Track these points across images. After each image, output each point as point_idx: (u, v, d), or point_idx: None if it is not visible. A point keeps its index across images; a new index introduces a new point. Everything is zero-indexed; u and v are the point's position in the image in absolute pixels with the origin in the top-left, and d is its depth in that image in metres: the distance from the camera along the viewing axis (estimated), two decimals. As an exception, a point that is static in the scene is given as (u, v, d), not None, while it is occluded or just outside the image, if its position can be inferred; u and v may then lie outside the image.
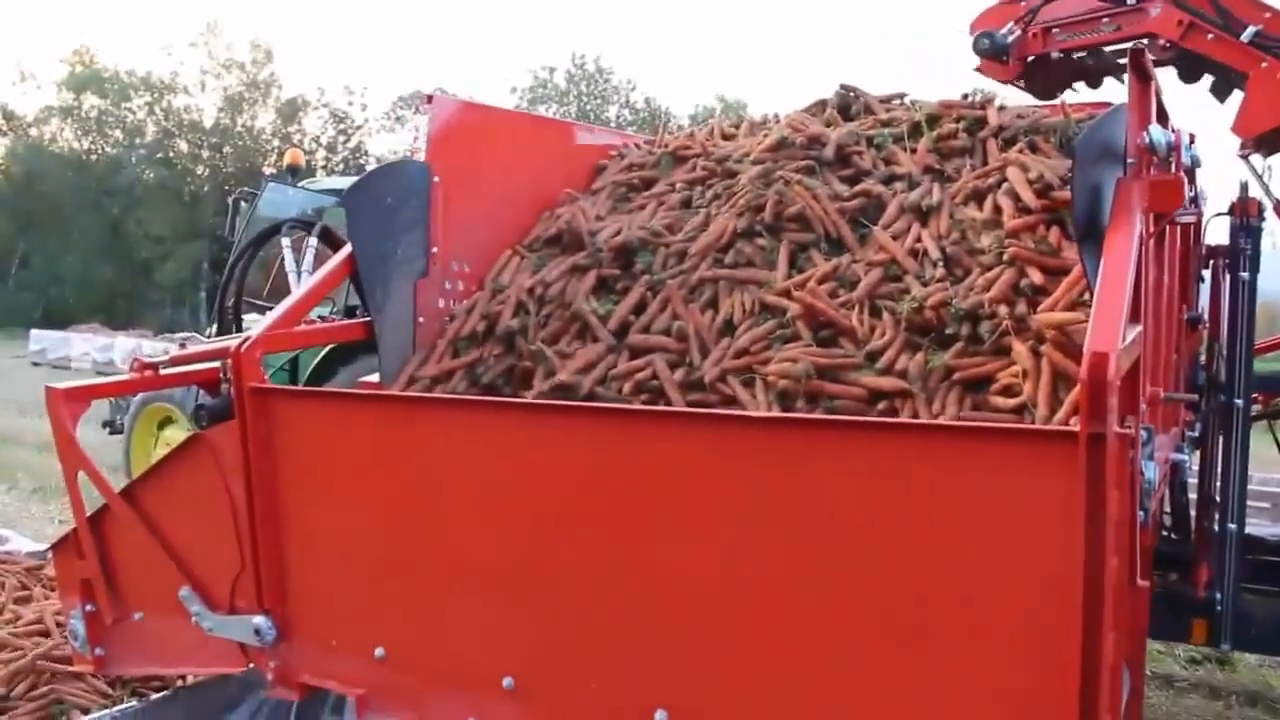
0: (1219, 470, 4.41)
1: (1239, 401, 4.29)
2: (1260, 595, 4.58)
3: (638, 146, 3.98)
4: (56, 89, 47.10)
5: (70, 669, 3.66)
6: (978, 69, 4.96)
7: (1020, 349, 2.35)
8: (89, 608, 3.10)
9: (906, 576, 1.81)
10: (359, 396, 2.79)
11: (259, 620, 2.64)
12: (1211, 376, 4.46)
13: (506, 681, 2.25)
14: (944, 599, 1.79)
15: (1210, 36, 4.43)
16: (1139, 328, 2.02)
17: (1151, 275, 2.54)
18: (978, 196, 2.85)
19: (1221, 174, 4.75)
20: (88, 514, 3.06)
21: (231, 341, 2.68)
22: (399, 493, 2.46)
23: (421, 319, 3.07)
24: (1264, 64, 4.34)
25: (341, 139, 47.70)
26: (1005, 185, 2.80)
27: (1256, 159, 4.68)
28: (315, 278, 2.98)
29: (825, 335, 2.69)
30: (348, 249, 2.94)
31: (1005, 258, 2.55)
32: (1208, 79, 4.70)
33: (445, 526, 2.38)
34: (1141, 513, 1.96)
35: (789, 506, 1.91)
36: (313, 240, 6.71)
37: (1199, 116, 4.53)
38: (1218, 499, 4.41)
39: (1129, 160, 2.20)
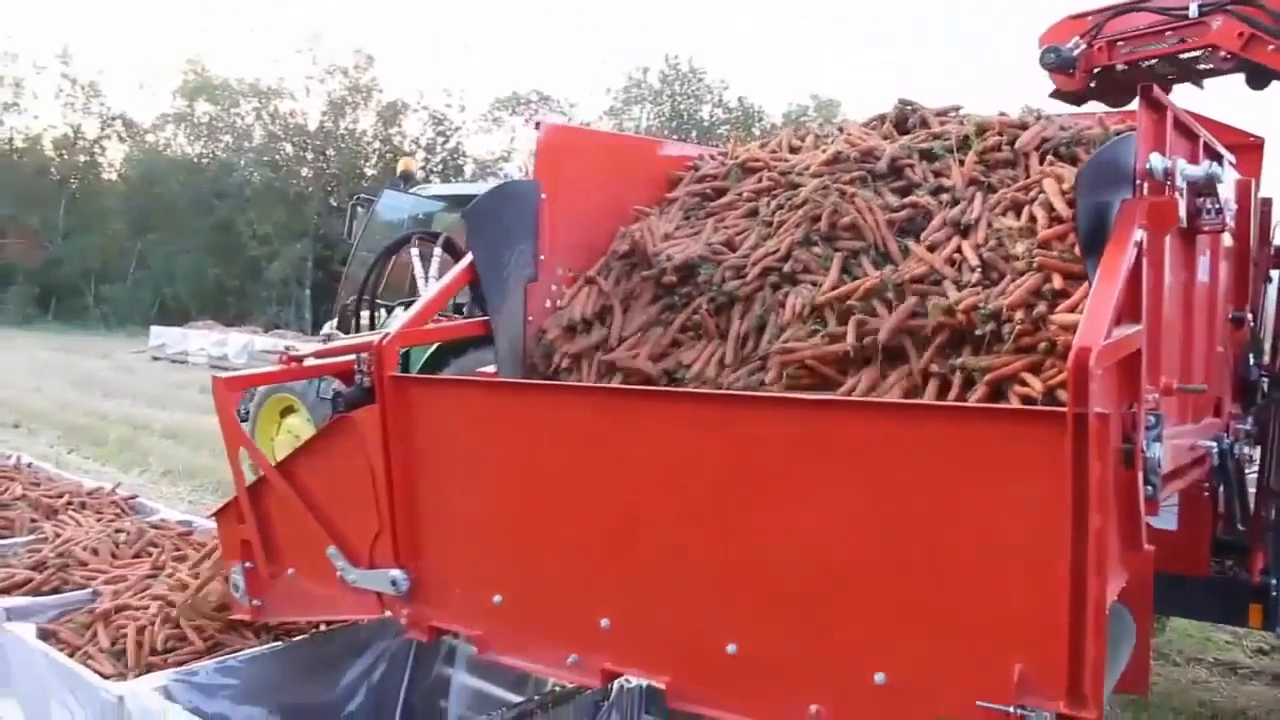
0: (1276, 461, 4.67)
1: (1290, 395, 4.54)
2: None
3: (711, 158, 4.36)
4: (171, 97, 49.26)
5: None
6: (1052, 95, 5.20)
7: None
8: (248, 565, 3.64)
9: (938, 528, 2.21)
10: (481, 383, 3.29)
11: (396, 573, 3.13)
12: (1272, 373, 4.70)
13: (604, 622, 2.70)
14: (965, 548, 2.19)
15: (1271, 48, 4.65)
16: (1138, 326, 2.38)
17: (1167, 280, 2.88)
18: (1016, 207, 3.19)
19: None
20: (246, 485, 3.58)
21: (373, 337, 3.16)
22: (514, 465, 2.93)
23: (530, 318, 3.54)
24: None
25: (440, 140, 48.86)
26: (1041, 196, 3.14)
27: None
28: (442, 282, 3.47)
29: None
30: (469, 258, 3.42)
31: (1034, 265, 2.90)
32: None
33: (554, 494, 2.84)
34: (1148, 487, 2.33)
35: (842, 472, 2.32)
36: (437, 250, 7.33)
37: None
38: (1274, 489, 4.66)
39: (1137, 182, 2.56)
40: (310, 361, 3.81)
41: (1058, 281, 2.84)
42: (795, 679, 2.41)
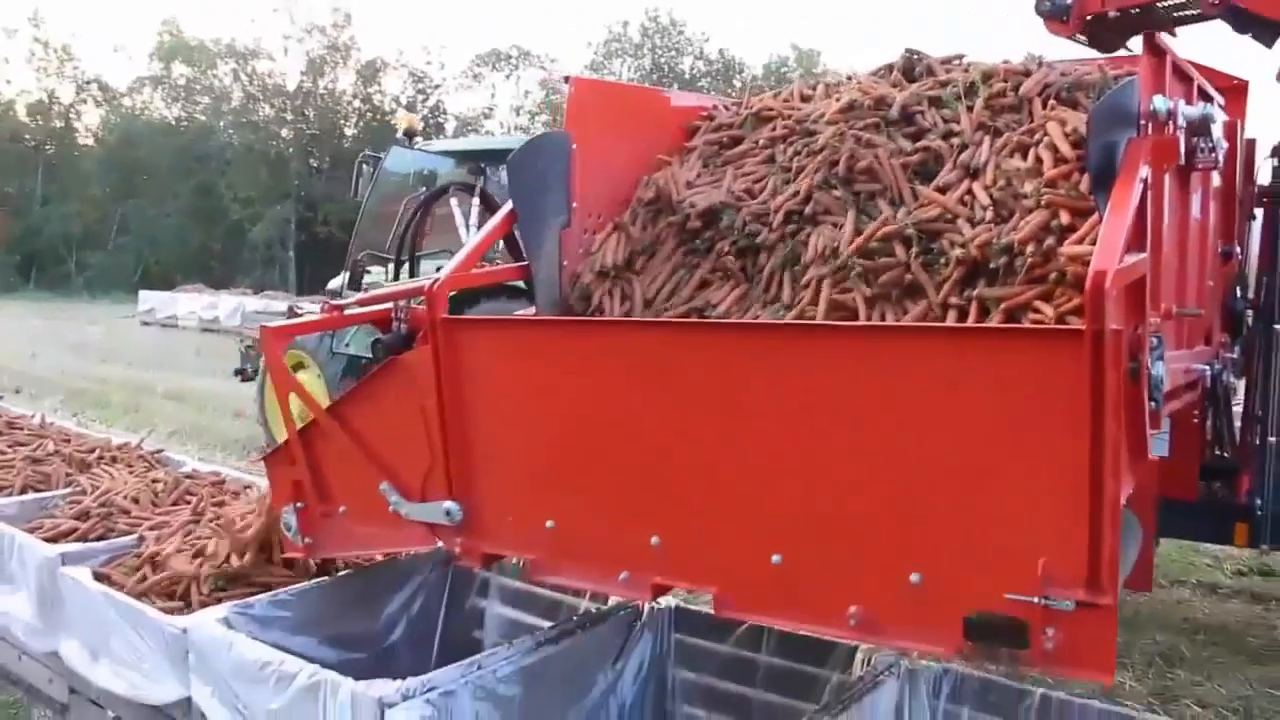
0: (1260, 389, 4.93)
1: (1278, 327, 4.80)
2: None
3: (725, 108, 4.53)
4: (147, 60, 48.89)
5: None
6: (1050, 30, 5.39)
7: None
8: (299, 505, 3.85)
9: (967, 439, 2.44)
10: (530, 322, 3.51)
11: (449, 505, 3.33)
12: (1256, 306, 4.96)
13: (654, 540, 2.92)
14: (992, 456, 2.42)
15: None
16: (1143, 255, 2.60)
17: (1167, 213, 3.10)
18: (1022, 149, 3.39)
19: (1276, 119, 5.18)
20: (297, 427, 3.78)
21: (424, 282, 3.35)
22: (563, 398, 3.14)
23: (565, 262, 3.74)
24: None
25: (421, 98, 48.64)
26: (1045, 139, 3.34)
27: None
28: (485, 229, 3.67)
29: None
30: (509, 206, 3.61)
31: (1042, 202, 3.11)
32: None
33: (604, 423, 3.05)
34: (1152, 403, 2.57)
35: (880, 392, 2.55)
36: (475, 200, 7.59)
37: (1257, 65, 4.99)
38: (1259, 414, 4.93)
39: (1140, 122, 2.78)
40: (352, 310, 4.01)
41: (1065, 217, 3.04)
42: (835, 584, 2.65)
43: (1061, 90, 3.66)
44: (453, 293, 3.37)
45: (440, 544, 3.49)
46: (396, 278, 7.47)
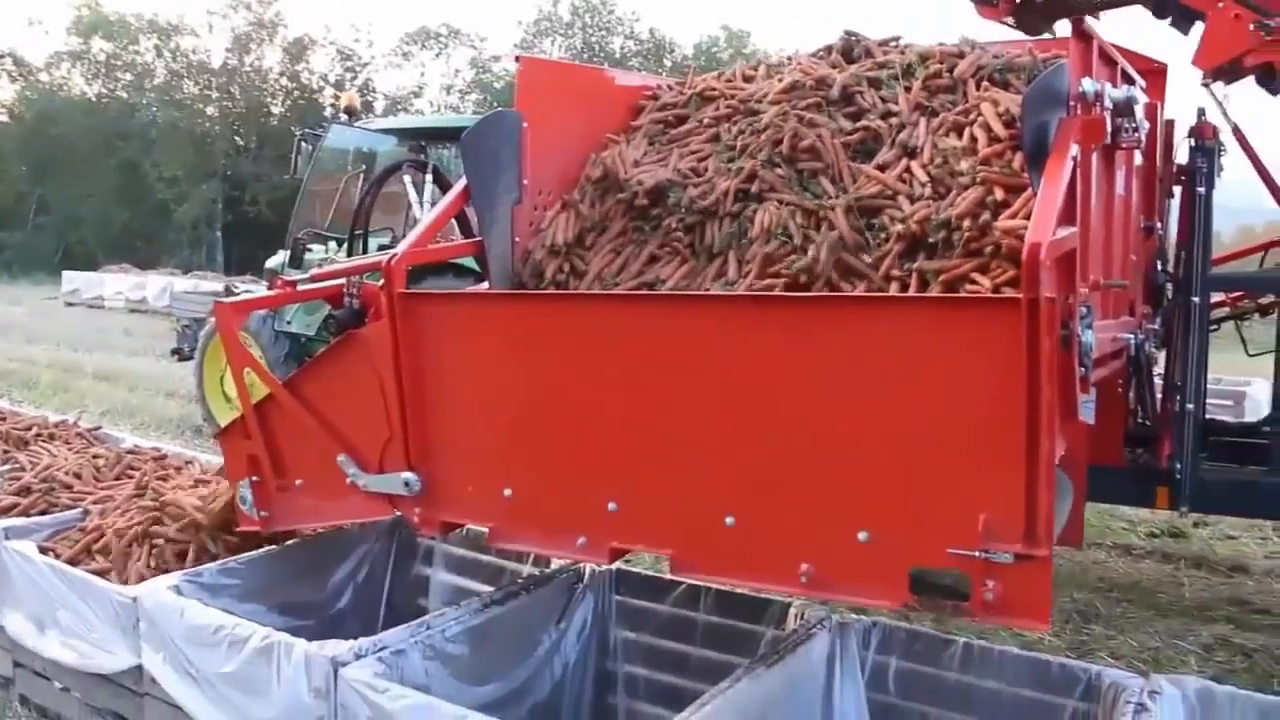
0: (1179, 359, 5.16)
1: (1196, 299, 5.02)
2: (1216, 466, 5.37)
3: (669, 88, 4.61)
4: (64, 34, 47.49)
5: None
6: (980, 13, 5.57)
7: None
8: (255, 479, 3.90)
9: (911, 403, 2.58)
10: (486, 296, 3.60)
11: (408, 475, 3.41)
12: (1175, 279, 5.18)
13: (611, 505, 3.03)
14: (934, 419, 2.56)
15: None
16: (1073, 228, 2.76)
17: (1094, 189, 3.27)
18: (957, 129, 3.53)
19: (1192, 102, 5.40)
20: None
21: (381, 257, 3.42)
22: (520, 370, 3.24)
23: (517, 238, 3.82)
24: (1220, 4, 4.99)
25: (349, 76, 47.96)
26: (979, 119, 3.49)
27: (1217, 87, 5.34)
28: (440, 205, 3.72)
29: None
30: (463, 183, 3.67)
31: (978, 180, 3.25)
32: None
33: (560, 393, 3.15)
34: (1081, 368, 2.73)
35: (827, 358, 2.68)
36: (428, 177, 7.68)
37: (1172, 50, 5.21)
38: (1179, 384, 5.16)
39: (1070, 104, 2.93)
40: (305, 286, 4.06)
41: (999, 194, 3.18)
42: (787, 543, 2.78)
43: (994, 72, 3.82)
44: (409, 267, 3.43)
45: (398, 514, 3.57)
46: (350, 254, 7.51)
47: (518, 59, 3.92)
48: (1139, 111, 3.50)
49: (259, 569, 4.24)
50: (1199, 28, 5.16)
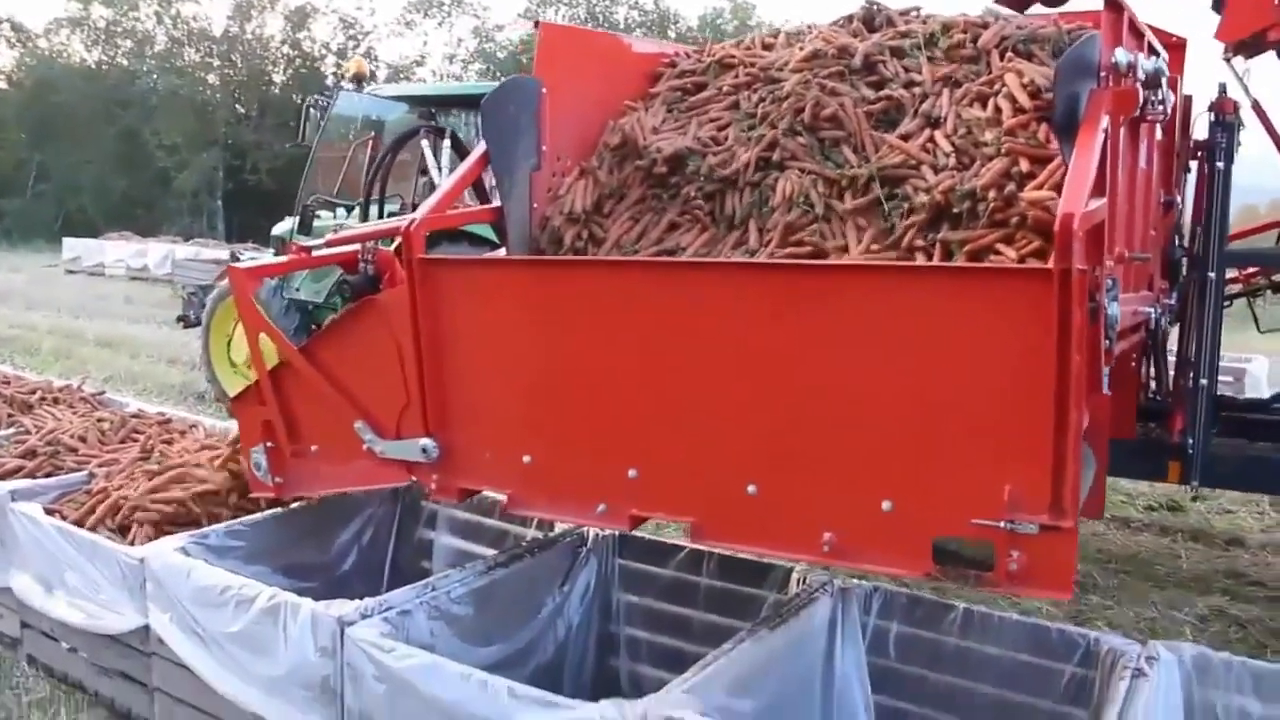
0: (1194, 335, 5.14)
1: (1211, 275, 5.00)
2: (1227, 442, 5.37)
3: (687, 55, 4.57)
4: (63, 1, 47.04)
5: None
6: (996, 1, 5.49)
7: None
8: (269, 445, 3.89)
9: (938, 372, 2.57)
10: (507, 262, 3.57)
11: (426, 442, 3.40)
12: (1190, 255, 5.16)
13: (631, 472, 3.02)
14: (961, 388, 2.55)
15: None
16: (1103, 200, 2.74)
17: (1121, 162, 3.24)
18: (981, 99, 3.50)
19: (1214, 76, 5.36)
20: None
21: (400, 222, 3.39)
22: (539, 336, 3.22)
23: (535, 204, 3.79)
24: None
25: (351, 45, 47.59)
26: (1004, 90, 3.46)
27: (1238, 62, 5.30)
28: (459, 171, 3.70)
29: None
30: (481, 148, 3.64)
31: (1003, 150, 3.22)
32: None
33: (580, 360, 3.14)
34: (1106, 340, 2.71)
35: (855, 327, 2.66)
36: (446, 143, 7.67)
37: (1197, 25, 5.17)
38: (1192, 359, 5.14)
39: (1101, 74, 2.90)
40: (320, 252, 4.03)
41: (1024, 164, 3.16)
42: (810, 512, 2.77)
43: (1018, 43, 3.78)
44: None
45: (415, 479, 3.56)
46: (365, 219, 7.51)
47: (537, 24, 3.88)
48: (1164, 84, 3.47)
49: (265, 531, 4.27)
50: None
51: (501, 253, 3.75)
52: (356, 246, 3.99)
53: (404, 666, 3.00)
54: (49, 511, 4.41)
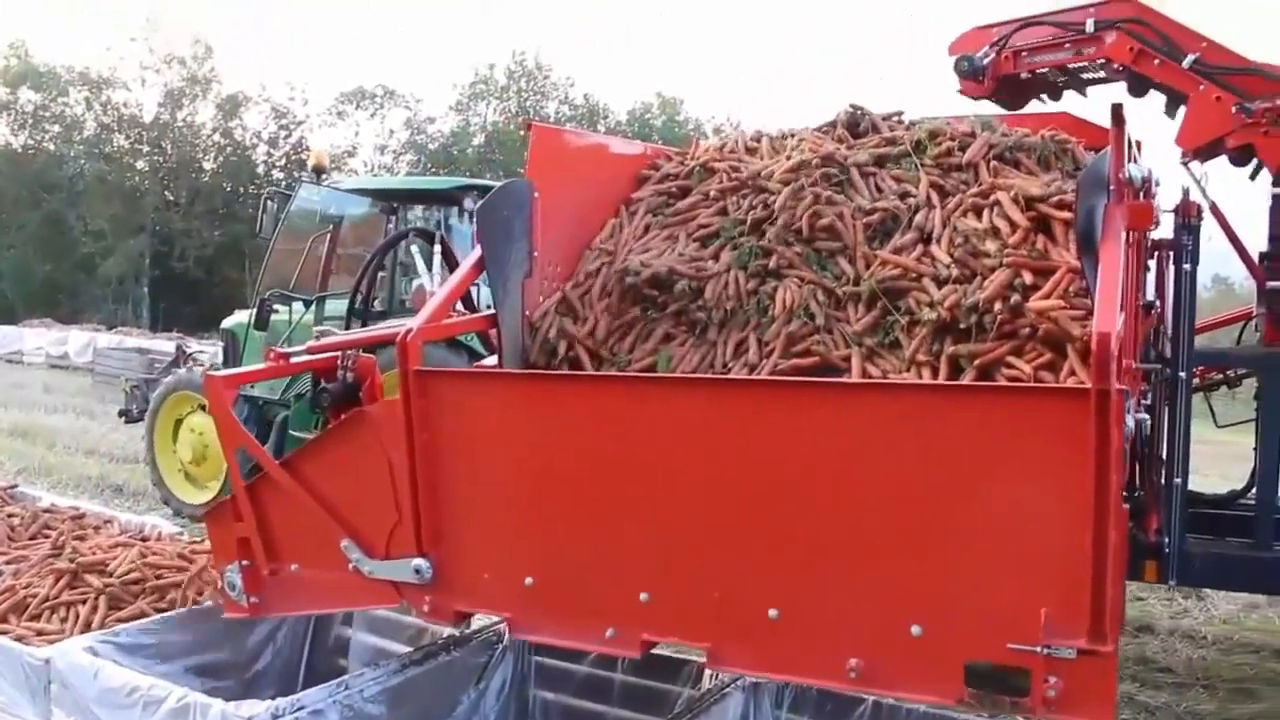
0: (1166, 433, 5.18)
1: (1183, 374, 5.06)
2: (1199, 539, 5.38)
3: (669, 158, 4.55)
4: (-10, 85, 46.35)
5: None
6: (960, 91, 5.64)
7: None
8: (245, 563, 3.69)
9: (970, 493, 2.51)
10: (507, 375, 3.45)
11: (418, 562, 3.24)
12: (1159, 353, 5.22)
13: (643, 596, 2.90)
14: (995, 509, 2.49)
15: (1156, 62, 5.17)
16: (1124, 314, 2.73)
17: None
18: (976, 210, 3.51)
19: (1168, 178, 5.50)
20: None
21: (395, 330, 3.27)
22: (542, 452, 3.09)
23: (528, 312, 3.70)
24: (1201, 87, 5.10)
25: (283, 134, 47.47)
26: (998, 206, 3.45)
27: (1195, 166, 5.44)
28: (454, 278, 3.59)
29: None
30: (477, 253, 3.55)
31: (1004, 262, 3.21)
32: (1157, 97, 5.42)
33: (585, 477, 3.02)
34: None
35: (881, 446, 2.59)
36: (436, 248, 7.78)
37: (1146, 127, 5.31)
38: (1164, 458, 5.17)
39: (1111, 189, 2.93)
40: (297, 359, 3.89)
41: (1028, 276, 3.17)
42: (834, 637, 2.68)
43: (1005, 151, 3.84)
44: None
45: (405, 601, 3.40)
46: (348, 326, 7.41)
47: (529, 126, 3.84)
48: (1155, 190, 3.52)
49: (176, 630, 4.17)
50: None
51: (491, 361, 3.64)
52: (336, 354, 3.87)
53: (317, 770, 2.87)
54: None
